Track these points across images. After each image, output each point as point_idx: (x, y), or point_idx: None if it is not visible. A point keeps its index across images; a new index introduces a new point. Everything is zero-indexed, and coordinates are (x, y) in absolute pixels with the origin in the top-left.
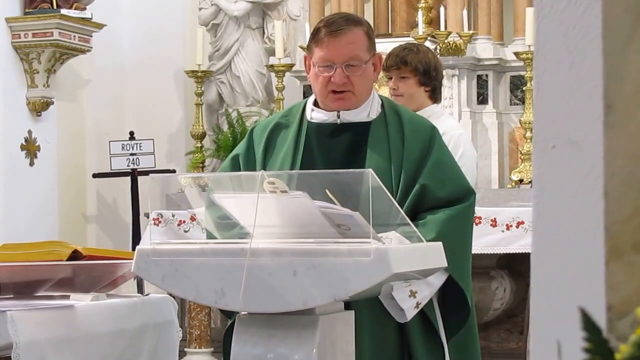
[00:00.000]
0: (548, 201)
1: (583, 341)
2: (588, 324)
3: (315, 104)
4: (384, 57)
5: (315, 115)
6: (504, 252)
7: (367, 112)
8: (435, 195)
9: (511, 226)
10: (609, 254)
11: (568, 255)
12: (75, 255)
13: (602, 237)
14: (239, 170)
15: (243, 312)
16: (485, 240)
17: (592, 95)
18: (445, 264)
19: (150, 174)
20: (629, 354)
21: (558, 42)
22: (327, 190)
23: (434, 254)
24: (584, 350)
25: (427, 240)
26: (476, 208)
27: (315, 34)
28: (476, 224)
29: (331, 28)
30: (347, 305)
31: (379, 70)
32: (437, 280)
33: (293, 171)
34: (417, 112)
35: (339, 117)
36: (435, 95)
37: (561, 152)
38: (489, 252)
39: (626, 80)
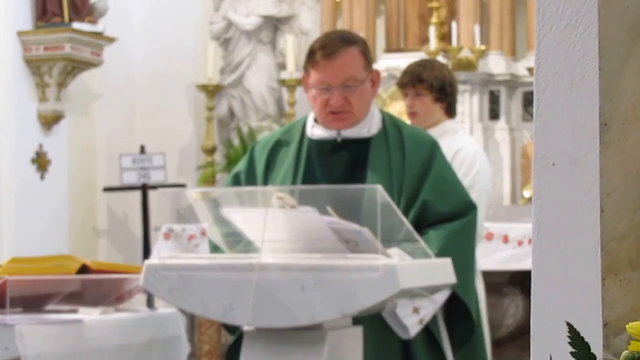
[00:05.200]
0: (548, 218)
1: (571, 356)
2: (576, 339)
3: (316, 120)
4: (381, 72)
5: (316, 132)
6: (516, 269)
7: (367, 127)
8: (437, 211)
9: (523, 242)
10: (605, 271)
11: (566, 272)
12: (84, 269)
13: (598, 254)
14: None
15: (248, 327)
16: (497, 257)
17: (590, 113)
18: (454, 280)
19: (160, 189)
20: None
21: (558, 61)
22: (328, 207)
23: (442, 270)
24: None
25: None
26: (488, 224)
27: (310, 55)
28: (488, 240)
29: (326, 50)
30: (355, 321)
31: (377, 86)
32: (441, 296)
33: (301, 186)
34: (433, 128)
35: (339, 134)
36: (451, 111)
37: (561, 169)
38: (501, 269)
39: (622, 99)
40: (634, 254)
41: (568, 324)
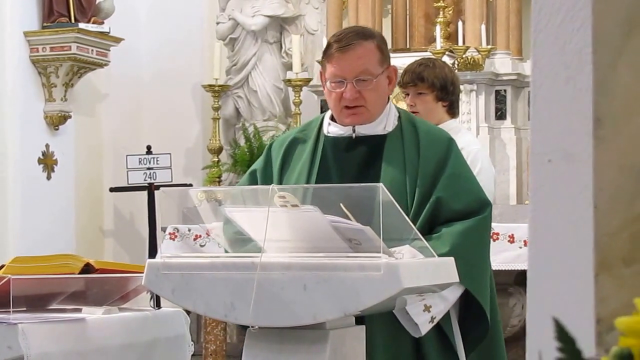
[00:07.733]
0: (543, 215)
1: (557, 351)
2: (561, 334)
3: (333, 117)
4: (399, 70)
5: (332, 129)
6: (522, 269)
7: (383, 125)
8: (451, 208)
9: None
10: (598, 267)
11: (559, 269)
12: (87, 268)
13: (591, 250)
14: (257, 185)
15: (253, 326)
16: (503, 257)
17: (586, 109)
18: (457, 279)
19: (162, 188)
20: None
21: (554, 57)
22: (341, 204)
23: (445, 269)
24: None
25: (442, 254)
26: (494, 224)
27: (326, 49)
28: (494, 240)
29: (341, 43)
30: (358, 320)
31: (394, 83)
32: (452, 295)
33: (305, 185)
34: None
35: (354, 130)
36: (453, 110)
37: (557, 166)
38: (506, 269)
39: (616, 94)
40: (627, 250)
41: (554, 318)
